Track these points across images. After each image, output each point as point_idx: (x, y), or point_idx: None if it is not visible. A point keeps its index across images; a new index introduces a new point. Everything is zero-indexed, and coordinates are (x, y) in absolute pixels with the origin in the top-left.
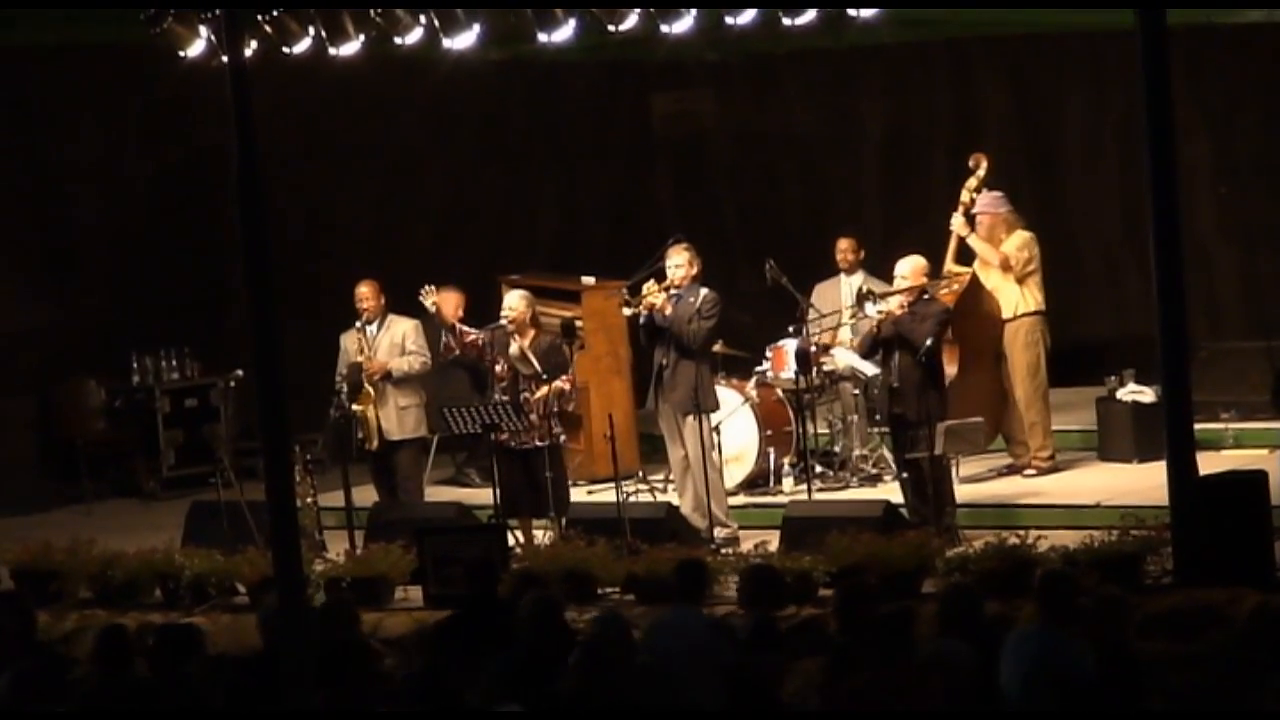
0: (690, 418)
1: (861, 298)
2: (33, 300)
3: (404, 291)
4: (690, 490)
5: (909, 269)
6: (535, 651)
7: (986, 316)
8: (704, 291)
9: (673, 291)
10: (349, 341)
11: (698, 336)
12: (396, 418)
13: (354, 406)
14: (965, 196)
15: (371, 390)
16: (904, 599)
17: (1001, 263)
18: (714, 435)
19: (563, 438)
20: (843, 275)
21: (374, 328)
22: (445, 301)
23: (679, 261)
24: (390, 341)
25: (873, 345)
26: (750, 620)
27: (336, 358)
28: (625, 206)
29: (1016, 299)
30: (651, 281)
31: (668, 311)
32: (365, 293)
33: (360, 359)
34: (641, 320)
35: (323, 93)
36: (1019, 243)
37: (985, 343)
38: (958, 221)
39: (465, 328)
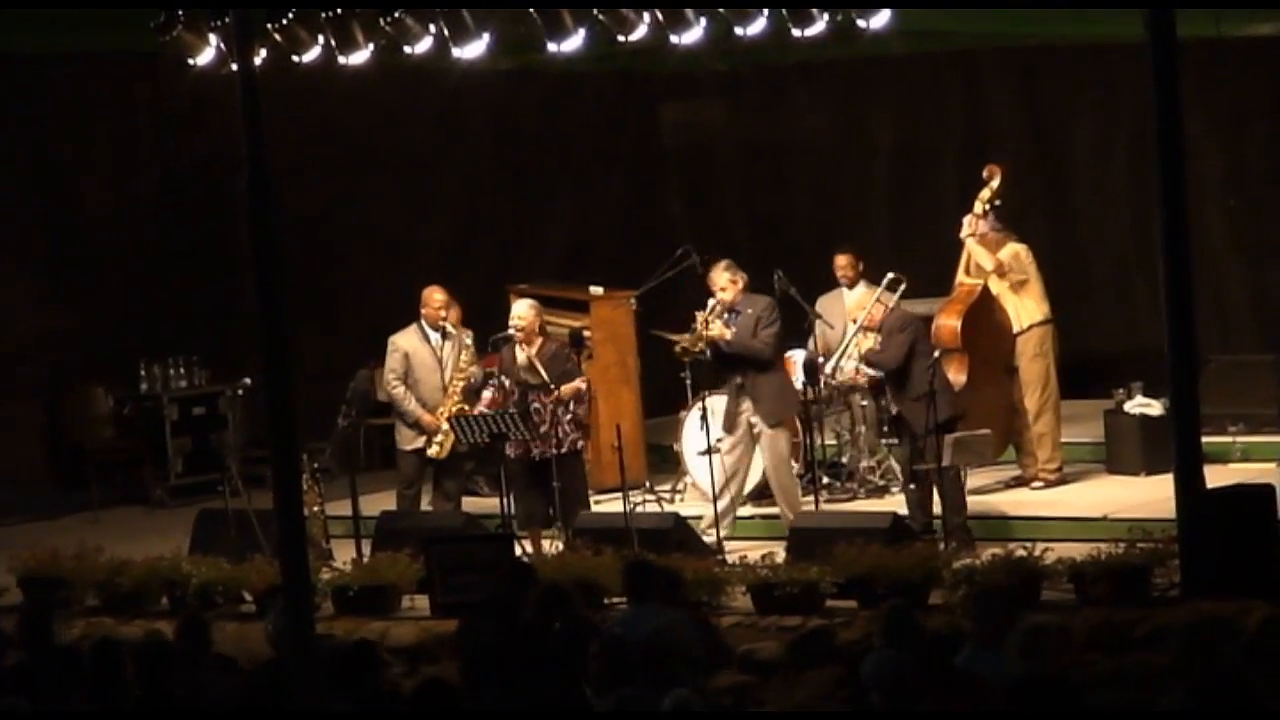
0: (777, 428)
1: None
2: (42, 307)
3: (414, 300)
4: (731, 497)
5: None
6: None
7: (997, 328)
8: (760, 300)
9: (729, 314)
10: (409, 343)
11: (768, 347)
12: None
13: (448, 420)
14: (979, 207)
15: (466, 403)
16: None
17: (996, 269)
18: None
19: (580, 443)
20: (844, 289)
21: (438, 336)
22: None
23: (723, 282)
24: (459, 353)
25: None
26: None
27: (350, 365)
28: (634, 216)
29: (1020, 312)
30: (700, 315)
31: (728, 337)
32: (443, 300)
33: (462, 372)
34: (708, 354)
35: (332, 101)
36: (1009, 254)
37: (995, 354)
38: (970, 242)
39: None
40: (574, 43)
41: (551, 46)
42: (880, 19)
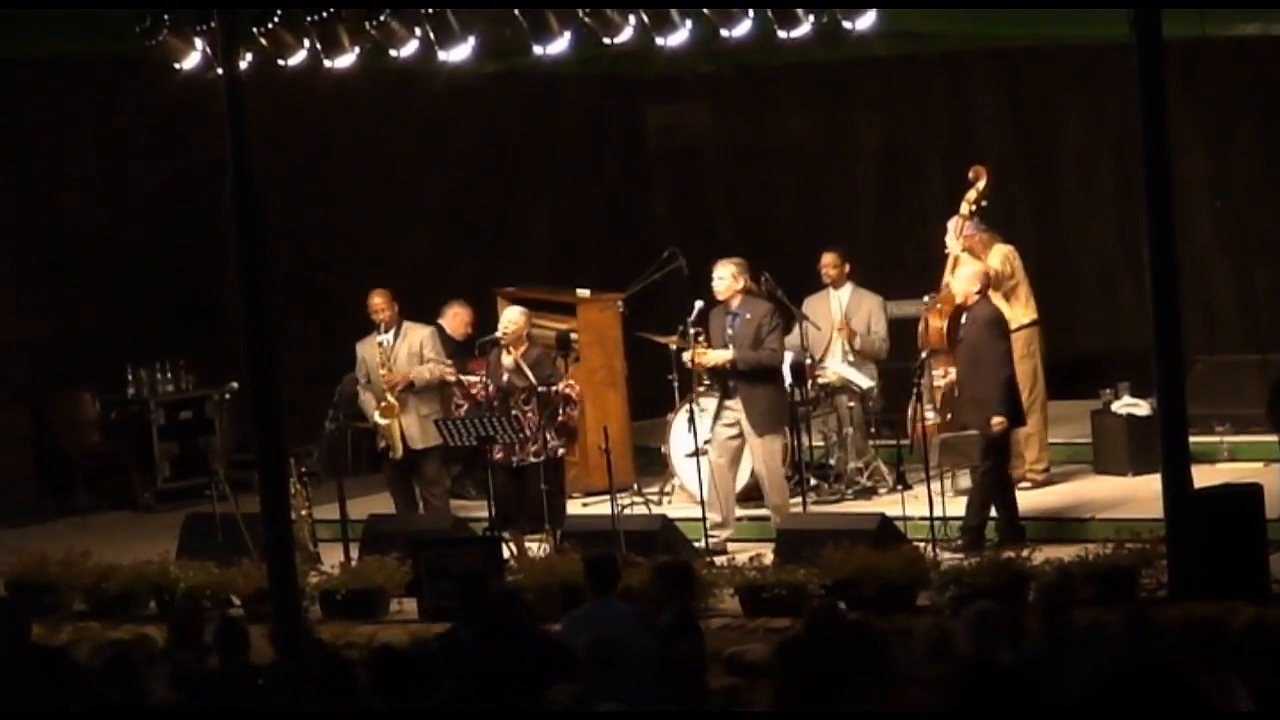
0: (766, 436)
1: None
2: (28, 312)
3: (401, 304)
4: (722, 496)
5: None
6: None
7: None
8: (761, 306)
9: (728, 316)
10: (366, 350)
11: (775, 354)
12: (419, 426)
13: (379, 419)
14: (965, 209)
15: (395, 401)
16: (898, 613)
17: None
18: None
19: (560, 451)
20: (830, 289)
21: (391, 336)
22: (454, 318)
23: (722, 274)
24: (409, 350)
25: None
26: (670, 611)
27: (337, 369)
28: (620, 219)
29: (1007, 314)
30: (688, 356)
31: (729, 358)
32: (379, 303)
33: (382, 371)
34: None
35: (318, 105)
36: (998, 260)
37: None
38: (954, 244)
39: (470, 379)
40: (559, 45)
41: (537, 49)
42: (866, 20)
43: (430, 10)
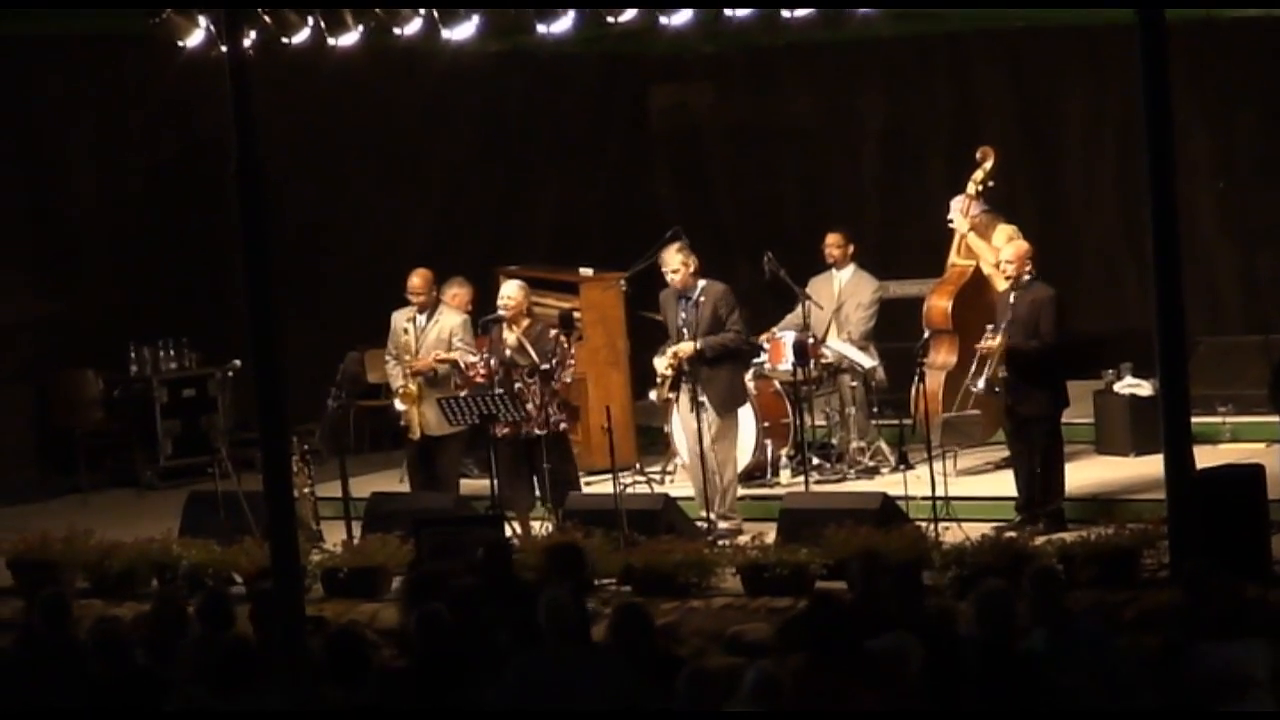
0: (726, 418)
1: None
2: (31, 290)
3: (403, 283)
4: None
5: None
6: None
7: (988, 310)
8: (715, 287)
9: (681, 300)
10: (397, 320)
11: (740, 335)
12: (438, 413)
13: (397, 403)
14: (972, 189)
15: (413, 387)
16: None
17: (997, 262)
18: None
19: (563, 425)
20: (833, 270)
21: (424, 318)
22: (454, 298)
23: (674, 265)
24: (437, 336)
25: None
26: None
27: (340, 347)
28: (623, 199)
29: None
30: (660, 364)
31: (697, 348)
32: (417, 284)
33: (405, 356)
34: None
35: (322, 84)
36: (1002, 239)
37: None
38: (961, 222)
39: (469, 359)
40: (563, 24)
41: (541, 28)
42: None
43: None
